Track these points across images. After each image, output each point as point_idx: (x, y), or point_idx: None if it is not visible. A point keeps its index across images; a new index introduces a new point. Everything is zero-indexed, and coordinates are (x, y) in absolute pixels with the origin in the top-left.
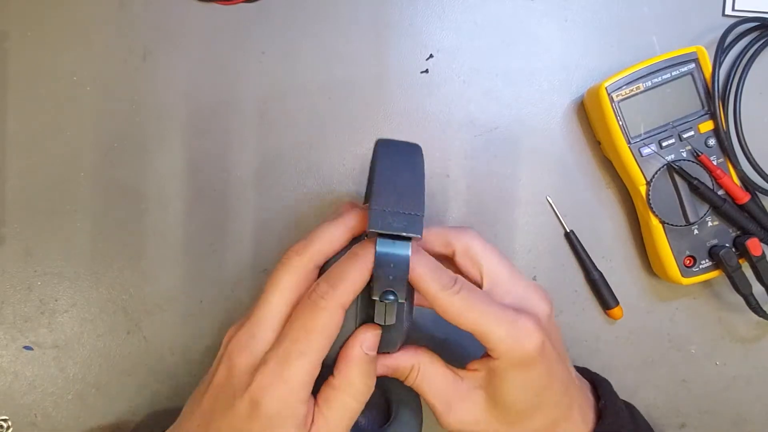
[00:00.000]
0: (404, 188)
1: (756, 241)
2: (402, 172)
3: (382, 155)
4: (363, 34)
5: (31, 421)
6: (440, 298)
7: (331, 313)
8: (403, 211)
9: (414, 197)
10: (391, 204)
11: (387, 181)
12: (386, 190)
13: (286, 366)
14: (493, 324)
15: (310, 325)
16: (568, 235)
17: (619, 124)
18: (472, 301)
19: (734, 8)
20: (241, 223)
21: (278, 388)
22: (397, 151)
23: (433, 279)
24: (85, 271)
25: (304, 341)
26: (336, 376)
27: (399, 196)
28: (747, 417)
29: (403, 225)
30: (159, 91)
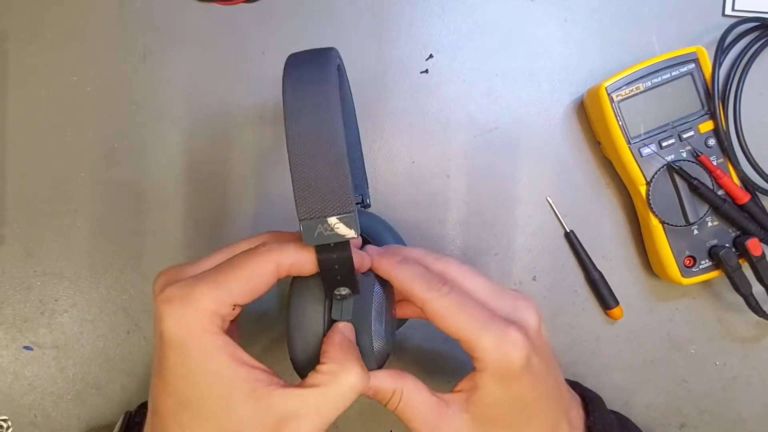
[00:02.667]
0: (326, 186)
1: (756, 241)
2: (320, 157)
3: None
4: (363, 34)
5: (31, 421)
6: (429, 300)
7: (264, 260)
8: (330, 215)
9: (340, 193)
10: (317, 210)
11: (305, 183)
12: (307, 195)
13: (193, 285)
14: (481, 332)
15: (236, 262)
16: (568, 235)
17: (619, 124)
18: (462, 305)
19: (734, 8)
20: (241, 222)
21: (178, 304)
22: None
23: (421, 282)
24: (85, 271)
25: (222, 271)
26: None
27: (323, 198)
28: (747, 417)
29: (334, 232)
30: (159, 91)
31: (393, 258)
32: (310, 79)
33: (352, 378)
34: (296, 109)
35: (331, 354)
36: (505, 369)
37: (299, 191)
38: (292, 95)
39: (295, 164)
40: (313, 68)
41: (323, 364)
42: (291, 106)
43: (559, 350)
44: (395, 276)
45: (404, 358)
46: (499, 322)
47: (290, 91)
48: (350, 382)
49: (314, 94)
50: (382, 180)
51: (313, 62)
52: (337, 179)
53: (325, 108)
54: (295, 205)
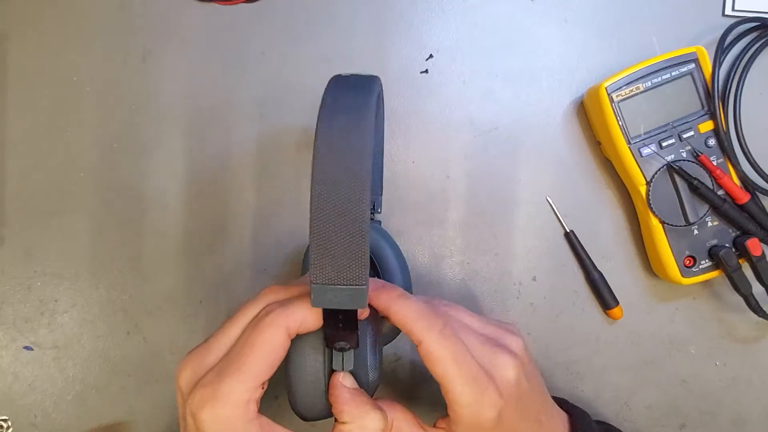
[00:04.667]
0: (343, 256)
1: (756, 241)
2: (342, 228)
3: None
4: (363, 34)
5: (31, 422)
6: (424, 342)
7: (274, 331)
8: (344, 284)
9: (356, 267)
10: (331, 278)
11: (323, 248)
12: (323, 261)
13: (221, 381)
14: (464, 388)
15: (251, 341)
16: (568, 235)
17: (619, 124)
18: (455, 355)
19: (734, 8)
20: (241, 223)
21: (213, 405)
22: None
23: (420, 321)
24: (85, 271)
25: (241, 357)
26: (344, 422)
27: (338, 268)
28: (747, 417)
29: (344, 300)
30: (159, 91)
31: (393, 293)
32: (346, 141)
33: (375, 426)
34: (326, 174)
35: (348, 411)
36: (477, 425)
37: (316, 255)
38: (324, 155)
39: (316, 228)
40: (350, 127)
41: (344, 424)
42: (322, 171)
43: (559, 350)
44: (396, 312)
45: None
46: (482, 376)
47: (323, 149)
48: (375, 430)
49: (347, 157)
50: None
51: (351, 118)
52: (355, 253)
53: (354, 177)
54: (310, 266)
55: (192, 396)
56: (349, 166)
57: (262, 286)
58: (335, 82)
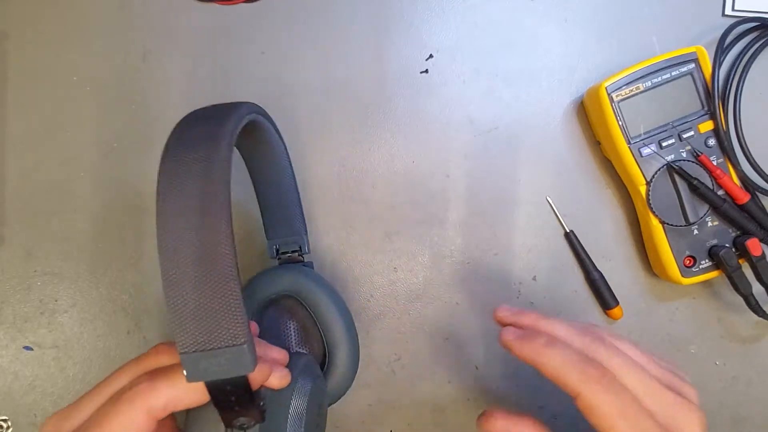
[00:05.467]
0: (210, 312)
1: (756, 241)
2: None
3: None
4: (363, 34)
5: (31, 421)
6: (584, 395)
7: (131, 412)
8: (217, 347)
9: (228, 321)
10: (200, 342)
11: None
12: (186, 324)
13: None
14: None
15: (106, 419)
16: (568, 235)
17: (619, 124)
18: (622, 409)
19: (734, 8)
20: (241, 223)
21: None
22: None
23: (575, 370)
24: (85, 271)
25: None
26: None
27: (206, 329)
28: (747, 417)
29: (225, 367)
30: (159, 91)
31: (538, 341)
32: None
33: None
34: (171, 213)
35: None
36: None
37: (176, 319)
38: (166, 192)
39: (169, 286)
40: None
41: None
42: (164, 209)
43: None
44: (543, 363)
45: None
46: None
47: (165, 184)
48: None
49: (197, 193)
50: (382, 180)
51: (203, 140)
52: (224, 305)
53: (209, 214)
54: (173, 334)
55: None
56: (198, 203)
57: None
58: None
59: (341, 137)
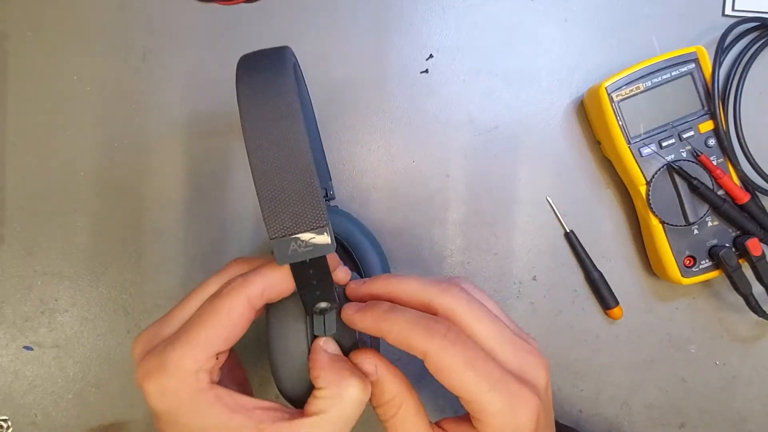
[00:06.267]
0: (296, 201)
1: (756, 241)
2: (286, 171)
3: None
4: (363, 34)
5: (31, 421)
6: (430, 352)
7: (233, 300)
8: (303, 231)
9: (311, 208)
10: (289, 227)
11: (273, 200)
12: (276, 212)
13: (169, 351)
14: (491, 393)
15: (207, 312)
16: (568, 235)
17: (619, 124)
18: (470, 359)
19: (734, 8)
20: (241, 223)
21: (159, 376)
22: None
23: (419, 330)
24: (85, 271)
25: (194, 327)
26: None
27: (293, 214)
28: (747, 417)
29: (310, 248)
30: (159, 91)
31: (378, 309)
32: (267, 86)
33: (353, 394)
34: (255, 122)
35: (324, 376)
36: None
37: (268, 209)
38: (248, 106)
39: (260, 181)
40: (269, 73)
41: (320, 390)
42: (249, 119)
43: (559, 350)
44: (387, 330)
45: None
46: (510, 380)
47: (246, 101)
48: (352, 399)
49: (273, 104)
50: (382, 180)
51: (269, 66)
52: (306, 193)
53: (286, 117)
54: (265, 224)
55: (139, 367)
56: (278, 112)
57: None
58: (245, 56)
59: (341, 137)
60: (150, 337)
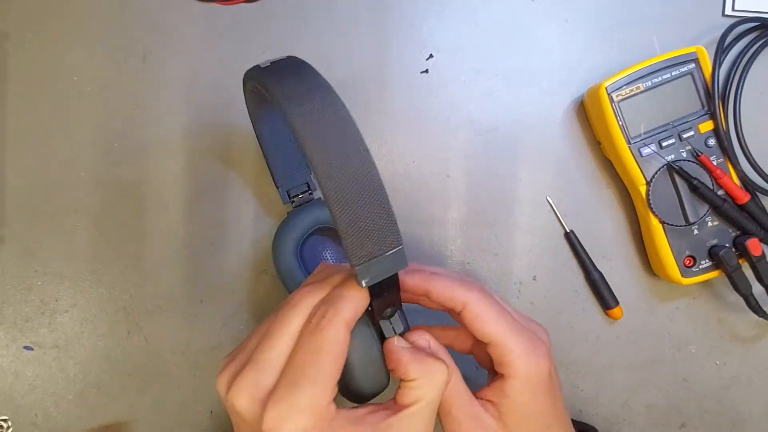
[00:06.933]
0: (376, 226)
1: (756, 241)
2: (365, 201)
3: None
4: (363, 34)
5: (32, 421)
6: (470, 301)
7: (336, 330)
8: (383, 253)
9: (389, 232)
10: (372, 251)
11: (356, 229)
12: (360, 240)
13: (298, 393)
14: (517, 337)
15: (316, 347)
16: (568, 235)
17: (619, 124)
18: (499, 310)
19: (734, 8)
20: (241, 223)
21: (296, 418)
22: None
23: (460, 285)
24: (85, 271)
25: (312, 365)
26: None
27: (375, 240)
28: (747, 417)
29: (388, 266)
30: (159, 91)
31: (424, 272)
32: (327, 117)
33: (441, 376)
34: (323, 153)
35: (414, 368)
36: (536, 377)
37: (352, 238)
38: (316, 142)
39: (342, 212)
40: (321, 102)
41: (413, 380)
42: (316, 151)
43: (559, 350)
44: (433, 287)
45: None
46: (529, 332)
47: (311, 137)
48: (441, 381)
49: (340, 137)
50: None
51: (313, 89)
52: (385, 218)
53: (354, 147)
54: (347, 252)
55: (267, 415)
56: (345, 137)
57: (262, 286)
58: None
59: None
60: (251, 387)
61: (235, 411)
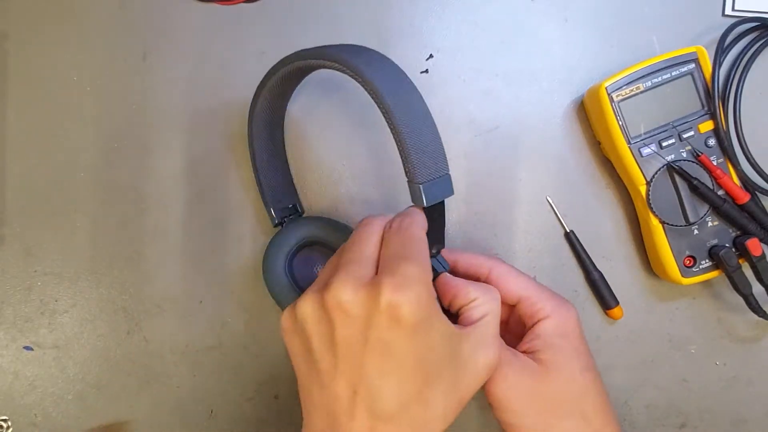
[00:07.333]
0: (431, 150)
1: (756, 241)
2: (423, 128)
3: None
4: (363, 34)
5: (32, 421)
6: (496, 264)
7: (419, 230)
8: (437, 176)
9: (439, 157)
10: (429, 173)
11: (420, 150)
12: (421, 159)
13: (407, 267)
14: (542, 292)
15: (408, 237)
16: (568, 235)
17: (619, 124)
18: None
19: (734, 8)
20: (241, 223)
21: (409, 287)
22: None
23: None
24: (85, 271)
25: (410, 247)
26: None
27: (432, 163)
28: (747, 417)
29: (443, 189)
30: (159, 91)
31: (449, 248)
32: (393, 71)
33: (496, 292)
34: (395, 93)
35: (473, 289)
36: (565, 321)
37: (416, 158)
38: (385, 83)
39: (408, 135)
40: (387, 63)
41: (475, 299)
42: (390, 92)
43: None
44: (459, 256)
45: None
46: (554, 292)
47: (382, 80)
48: (497, 296)
49: (405, 82)
50: (382, 180)
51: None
52: (438, 145)
53: (413, 91)
54: (412, 171)
55: (384, 288)
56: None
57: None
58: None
59: (341, 137)
60: (354, 277)
61: (336, 303)
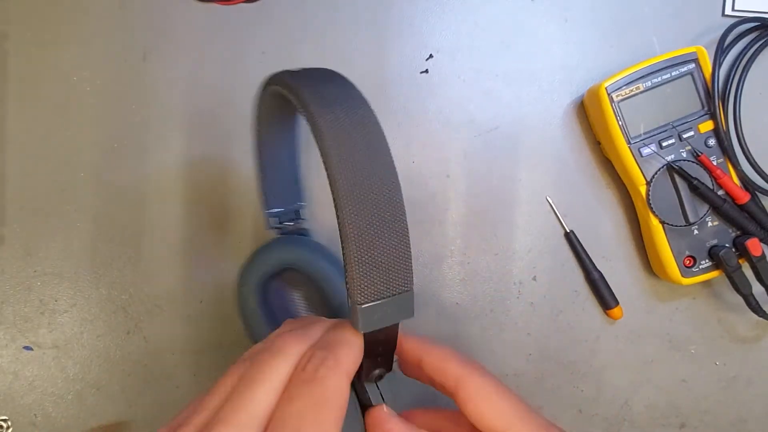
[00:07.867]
0: (391, 262)
1: (756, 241)
2: (385, 231)
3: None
4: (363, 34)
5: (31, 421)
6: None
7: (339, 380)
8: (391, 294)
9: (402, 271)
10: (380, 291)
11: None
12: (371, 276)
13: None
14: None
15: (317, 399)
16: (568, 235)
17: (619, 124)
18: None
19: (734, 8)
20: (241, 223)
21: None
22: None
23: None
24: (85, 271)
25: (312, 421)
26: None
27: (386, 279)
28: (747, 417)
29: (393, 313)
30: (159, 91)
31: (423, 338)
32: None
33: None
34: (347, 166)
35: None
36: None
37: (362, 273)
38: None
39: (356, 239)
40: (356, 116)
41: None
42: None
43: (559, 350)
44: (427, 353)
45: None
46: (541, 418)
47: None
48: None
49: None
50: None
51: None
52: (401, 254)
53: (381, 165)
54: (352, 290)
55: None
56: (374, 154)
57: None
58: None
59: None
60: None
61: None
